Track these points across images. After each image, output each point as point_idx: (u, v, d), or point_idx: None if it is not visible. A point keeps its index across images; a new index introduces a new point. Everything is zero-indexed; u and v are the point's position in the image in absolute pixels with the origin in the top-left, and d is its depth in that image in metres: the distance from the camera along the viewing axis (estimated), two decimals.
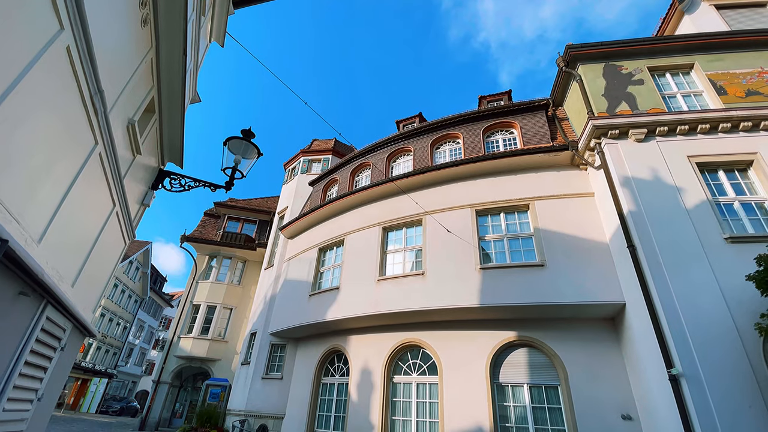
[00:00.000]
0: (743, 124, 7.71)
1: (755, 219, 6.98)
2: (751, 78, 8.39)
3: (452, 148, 11.93)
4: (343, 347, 10.69)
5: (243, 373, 13.29)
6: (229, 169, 4.47)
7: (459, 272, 8.83)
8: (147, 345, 43.33)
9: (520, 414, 7.73)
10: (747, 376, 5.51)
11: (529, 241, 8.84)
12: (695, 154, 7.64)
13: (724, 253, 6.44)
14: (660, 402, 6.22)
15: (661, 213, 6.98)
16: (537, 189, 9.24)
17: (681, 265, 6.43)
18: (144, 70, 3.80)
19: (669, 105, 8.53)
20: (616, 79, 8.97)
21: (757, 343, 5.66)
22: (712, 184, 7.42)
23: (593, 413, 7.16)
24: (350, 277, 10.69)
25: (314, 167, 17.64)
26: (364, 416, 9.19)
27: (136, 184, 4.47)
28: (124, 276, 32.29)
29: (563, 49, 9.60)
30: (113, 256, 4.66)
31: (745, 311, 5.81)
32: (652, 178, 7.46)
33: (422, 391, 8.96)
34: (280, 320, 12.19)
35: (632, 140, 8.00)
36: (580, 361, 7.68)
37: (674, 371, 5.73)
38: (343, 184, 13.79)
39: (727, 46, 8.94)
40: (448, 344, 8.92)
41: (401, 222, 10.66)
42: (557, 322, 8.21)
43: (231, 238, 19.07)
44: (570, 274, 7.87)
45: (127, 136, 3.87)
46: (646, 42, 9.34)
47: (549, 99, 10.91)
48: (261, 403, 11.98)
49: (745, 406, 5.33)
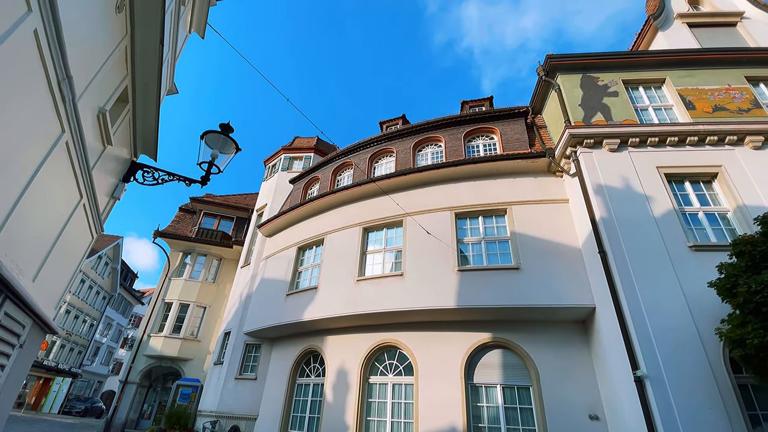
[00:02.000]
0: (709, 138, 8.11)
1: (718, 229, 7.36)
2: (719, 94, 8.83)
3: (434, 151, 12.04)
4: (320, 347, 10.60)
5: (216, 373, 12.98)
6: (206, 163, 4.36)
7: (437, 274, 8.91)
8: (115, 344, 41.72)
9: (493, 414, 7.86)
10: (707, 379, 5.78)
11: (505, 244, 9.01)
12: (664, 165, 7.99)
13: (689, 260, 6.75)
14: (625, 402, 6.45)
15: (631, 220, 7.26)
16: (515, 194, 9.44)
17: (648, 271, 6.70)
18: (117, 57, 3.66)
19: (641, 117, 8.88)
20: (592, 90, 9.27)
21: (717, 347, 5.95)
22: (678, 195, 7.78)
23: (563, 413, 7.36)
24: (329, 276, 10.62)
25: (295, 165, 17.43)
26: (338, 417, 9.13)
27: (106, 176, 4.30)
28: (92, 272, 31.01)
29: (543, 59, 9.86)
30: (79, 251, 4.46)
31: (707, 316, 6.09)
32: (623, 186, 7.74)
33: (398, 391, 8.98)
34: (255, 320, 11.97)
35: (606, 150, 8.29)
36: (551, 362, 7.88)
37: (639, 373, 5.96)
38: (324, 182, 13.69)
39: (698, 63, 9.39)
40: (425, 345, 8.98)
41: (382, 223, 10.68)
42: (530, 324, 8.40)
43: (207, 235, 18.60)
44: (544, 278, 8.07)
45: (98, 125, 3.72)
46: (622, 56, 9.70)
47: (529, 107, 11.17)
48: (233, 404, 11.73)
49: (705, 407, 5.59)
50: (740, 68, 9.24)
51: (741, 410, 5.53)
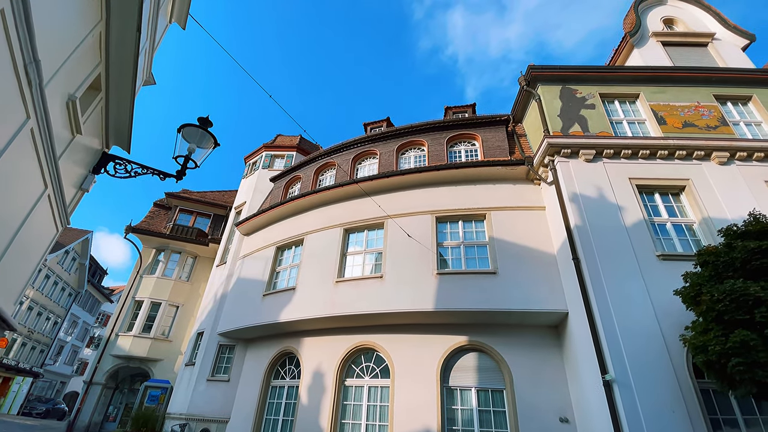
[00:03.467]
0: (678, 152, 8.48)
1: (684, 239, 7.68)
2: (689, 111, 9.26)
3: (417, 154, 12.12)
4: (296, 349, 10.44)
5: (187, 374, 12.59)
6: (182, 157, 4.22)
7: (417, 276, 8.95)
8: (80, 342, 39.92)
9: (467, 417, 7.93)
10: (672, 384, 6.01)
11: (483, 249, 9.14)
12: (636, 176, 8.29)
13: (656, 269, 7.01)
14: (594, 406, 6.63)
15: (604, 229, 7.50)
16: (494, 200, 9.60)
17: (618, 278, 6.93)
18: (91, 43, 3.51)
19: (616, 130, 9.20)
20: (571, 102, 9.55)
21: (681, 353, 6.20)
22: (648, 205, 8.09)
23: (534, 416, 7.49)
24: (308, 277, 10.50)
25: (277, 163, 17.19)
26: (313, 420, 9.01)
27: (74, 167, 4.12)
28: (58, 267, 29.61)
29: (525, 69, 10.09)
30: (42, 244, 4.24)
31: (672, 323, 6.34)
32: (597, 196, 7.99)
33: (374, 394, 8.94)
34: (230, 320, 11.70)
35: (582, 160, 8.54)
36: (524, 366, 8.03)
37: (608, 377, 6.14)
38: (306, 182, 13.56)
39: (670, 80, 9.82)
40: (402, 347, 8.99)
41: (363, 224, 10.65)
42: (506, 328, 8.53)
43: (182, 232, 18.06)
44: (520, 283, 8.23)
45: (67, 113, 3.56)
46: (599, 70, 10.04)
47: (510, 115, 11.40)
48: (204, 406, 11.40)
49: (669, 411, 5.80)
50: (709, 87, 9.72)
51: (703, 414, 5.77)
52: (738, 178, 8.15)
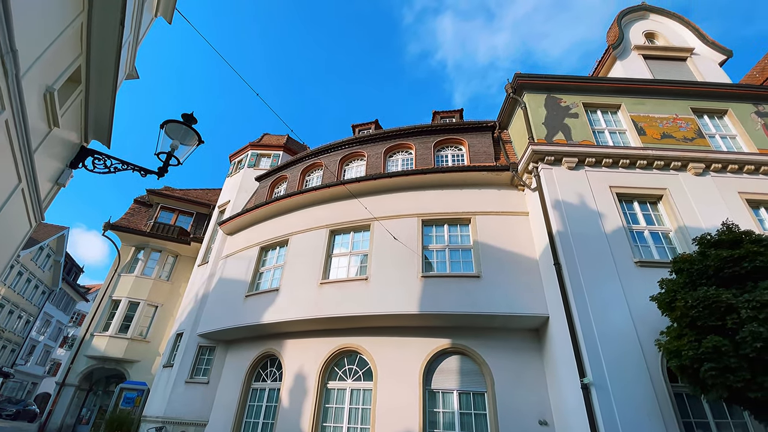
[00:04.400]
0: (657, 162, 8.75)
1: (661, 247, 7.92)
2: (667, 123, 9.56)
3: (404, 157, 12.17)
4: (278, 351, 10.31)
5: (164, 376, 12.28)
6: (164, 154, 4.14)
7: (401, 279, 8.96)
8: (53, 342, 38.53)
9: (449, 420, 7.96)
10: (647, 387, 6.17)
11: (468, 252, 9.23)
12: (616, 185, 8.52)
13: (634, 275, 7.20)
14: (572, 408, 6.74)
15: (585, 235, 7.67)
16: (479, 204, 9.71)
17: (598, 284, 7.09)
18: (71, 35, 3.42)
19: (598, 139, 9.44)
20: (555, 110, 9.75)
21: (657, 357, 6.37)
22: (627, 213, 8.31)
23: (514, 419, 7.58)
24: (292, 278, 10.39)
25: (263, 162, 16.99)
26: (294, 423, 8.90)
27: (51, 161, 3.98)
28: (32, 263, 28.56)
29: (512, 77, 10.26)
30: (15, 239, 4.09)
31: (648, 328, 6.51)
32: (579, 203, 8.17)
33: (356, 397, 8.90)
34: (211, 321, 11.48)
35: (565, 167, 8.72)
36: (506, 369, 8.12)
37: (586, 380, 6.26)
38: (292, 182, 13.44)
39: (650, 92, 10.13)
40: (386, 350, 8.98)
41: (349, 226, 10.62)
42: (488, 331, 8.62)
43: (163, 230, 17.66)
44: (503, 287, 8.33)
45: (44, 105, 3.44)
46: (583, 80, 10.29)
47: (496, 121, 11.57)
48: (182, 409, 11.14)
49: (644, 414, 5.95)
50: (687, 100, 10.07)
51: (676, 418, 5.94)
52: (713, 189, 8.46)
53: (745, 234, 5.52)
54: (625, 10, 13.08)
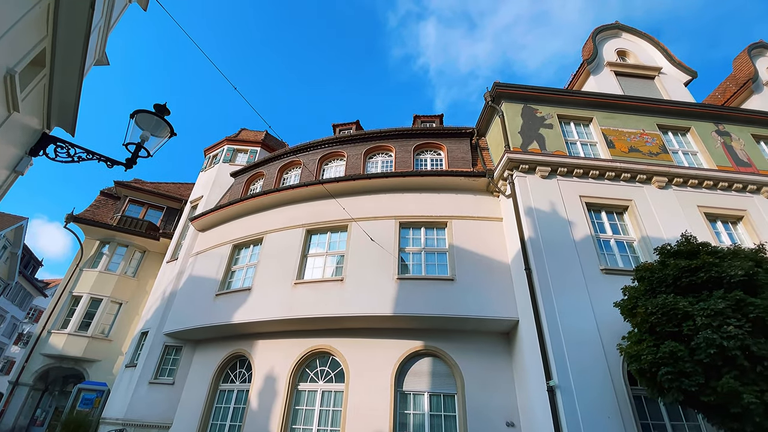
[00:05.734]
0: (624, 175, 9.14)
1: (625, 255, 8.27)
2: (634, 137, 10.01)
3: (384, 159, 12.20)
4: (248, 352, 10.08)
5: (127, 376, 11.77)
6: (133, 145, 3.98)
7: (377, 281, 8.96)
8: (7, 339, 36.16)
9: (419, 421, 8.01)
10: (608, 390, 6.41)
11: (444, 256, 9.34)
12: (586, 194, 8.84)
13: (600, 282, 7.49)
14: (538, 410, 6.93)
15: (555, 242, 7.92)
16: (456, 209, 9.86)
17: (566, 289, 7.33)
18: (37, 15, 3.24)
19: (570, 150, 9.77)
20: (531, 120, 10.03)
21: (618, 361, 6.63)
22: (595, 222, 8.64)
23: (483, 420, 7.71)
24: (265, 278, 10.20)
25: (239, 158, 16.61)
26: (262, 425, 8.72)
27: (8, 146, 3.75)
28: None
29: (491, 85, 10.49)
30: None
31: (611, 333, 6.77)
32: (550, 211, 8.43)
33: (327, 399, 8.81)
34: (179, 320, 11.10)
35: (538, 176, 8.98)
36: (476, 371, 8.25)
37: (552, 383, 6.44)
38: (269, 179, 13.21)
39: (619, 107, 10.58)
40: (359, 351, 8.94)
41: (326, 226, 10.53)
42: (461, 334, 8.74)
43: (131, 224, 16.92)
44: (476, 290, 8.48)
45: (4, 87, 3.24)
46: (558, 92, 10.64)
47: (475, 128, 11.80)
48: (145, 411, 10.69)
49: (605, 416, 6.18)
50: (653, 116, 10.59)
51: (635, 419, 6.20)
52: (674, 202, 8.92)
53: (702, 245, 5.83)
54: (600, 27, 13.63)
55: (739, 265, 5.14)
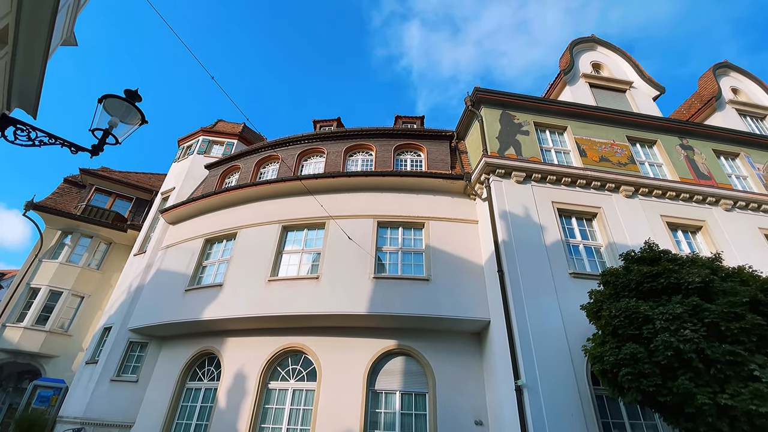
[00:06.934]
0: (594, 183, 9.49)
1: (593, 260, 8.59)
2: (605, 147, 10.41)
3: (365, 158, 12.18)
4: (217, 350, 9.84)
5: (87, 373, 11.24)
6: (100, 131, 3.79)
7: (353, 279, 8.94)
8: None
9: (390, 420, 8.05)
10: (573, 390, 6.65)
11: (420, 256, 9.43)
12: (558, 201, 9.13)
13: (568, 285, 7.75)
14: (506, 409, 7.10)
15: (527, 246, 8.14)
16: (433, 210, 9.97)
17: (536, 291, 7.55)
18: None
19: (545, 157, 10.06)
20: (509, 126, 10.27)
21: (582, 362, 6.88)
22: (566, 228, 8.94)
23: (452, 419, 7.83)
24: (238, 274, 9.98)
25: (215, 150, 16.16)
26: (230, 424, 8.53)
27: None
28: None
29: (472, 90, 10.66)
30: None
31: (577, 335, 7.01)
32: (524, 215, 8.66)
33: (298, 397, 8.72)
34: (145, 315, 10.70)
35: (513, 181, 9.21)
36: (448, 370, 8.37)
37: (520, 382, 6.62)
38: (245, 173, 12.93)
39: (592, 118, 10.98)
40: (332, 350, 8.89)
41: (303, 223, 10.41)
42: (434, 333, 8.84)
43: (96, 214, 16.15)
44: (450, 291, 8.60)
45: None
46: (536, 100, 10.93)
47: (454, 131, 11.96)
48: (105, 409, 10.24)
49: (569, 415, 6.40)
50: (624, 128, 11.05)
51: (596, 418, 6.46)
52: (639, 211, 9.34)
53: (663, 253, 6.14)
54: (577, 40, 14.11)
55: (696, 273, 5.42)
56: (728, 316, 4.91)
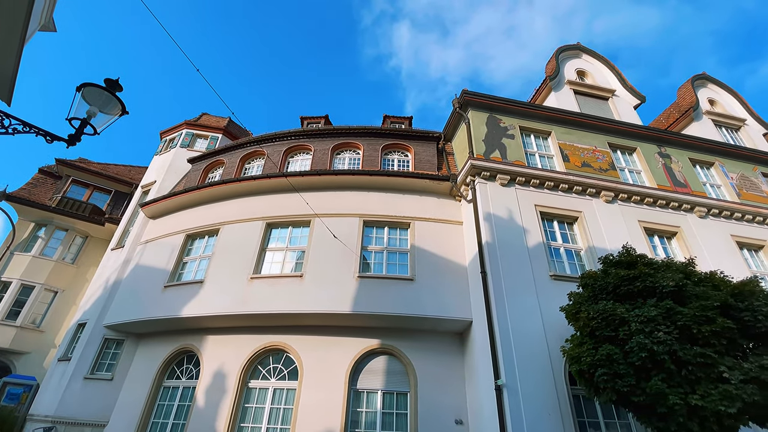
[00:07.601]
0: (576, 187, 9.70)
1: (573, 263, 8.79)
2: (587, 153, 10.65)
3: (352, 157, 12.14)
4: (196, 348, 9.66)
5: (59, 370, 10.86)
6: (78, 120, 3.67)
7: (338, 278, 8.91)
8: None
9: (371, 419, 8.05)
10: (551, 389, 6.78)
11: (405, 256, 9.46)
12: (540, 204, 9.30)
13: (548, 287, 7.91)
14: (486, 408, 7.20)
15: (510, 247, 8.27)
16: (419, 210, 10.02)
17: (517, 292, 7.68)
18: None
19: (529, 160, 10.23)
20: (495, 129, 10.40)
21: (561, 362, 7.02)
22: (548, 231, 9.11)
23: (433, 418, 7.89)
24: (219, 271, 9.81)
25: (199, 143, 15.83)
26: (208, 423, 8.39)
27: None
28: None
29: (460, 93, 10.76)
30: None
31: (556, 336, 7.16)
32: (507, 217, 8.79)
33: (278, 396, 8.64)
34: (122, 311, 10.42)
35: (498, 183, 9.34)
36: (429, 370, 8.43)
37: (499, 382, 6.72)
38: (229, 168, 12.72)
39: (575, 124, 11.22)
40: (314, 349, 8.84)
41: (288, 220, 10.31)
42: (417, 333, 8.89)
43: (72, 206, 15.60)
44: (434, 291, 8.67)
45: None
46: (522, 105, 11.11)
47: (442, 133, 12.05)
48: (78, 408, 9.91)
49: (546, 414, 6.53)
50: (605, 135, 11.32)
51: (573, 417, 6.61)
52: (618, 216, 9.59)
53: (640, 257, 6.32)
54: (563, 47, 14.38)
55: (670, 277, 5.61)
56: (700, 320, 5.09)
